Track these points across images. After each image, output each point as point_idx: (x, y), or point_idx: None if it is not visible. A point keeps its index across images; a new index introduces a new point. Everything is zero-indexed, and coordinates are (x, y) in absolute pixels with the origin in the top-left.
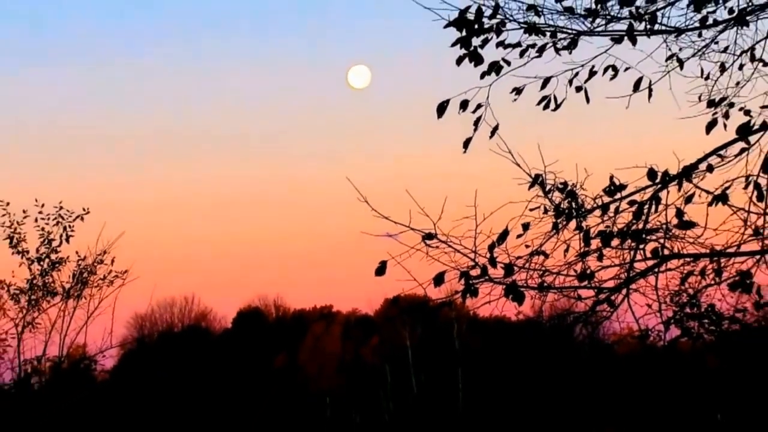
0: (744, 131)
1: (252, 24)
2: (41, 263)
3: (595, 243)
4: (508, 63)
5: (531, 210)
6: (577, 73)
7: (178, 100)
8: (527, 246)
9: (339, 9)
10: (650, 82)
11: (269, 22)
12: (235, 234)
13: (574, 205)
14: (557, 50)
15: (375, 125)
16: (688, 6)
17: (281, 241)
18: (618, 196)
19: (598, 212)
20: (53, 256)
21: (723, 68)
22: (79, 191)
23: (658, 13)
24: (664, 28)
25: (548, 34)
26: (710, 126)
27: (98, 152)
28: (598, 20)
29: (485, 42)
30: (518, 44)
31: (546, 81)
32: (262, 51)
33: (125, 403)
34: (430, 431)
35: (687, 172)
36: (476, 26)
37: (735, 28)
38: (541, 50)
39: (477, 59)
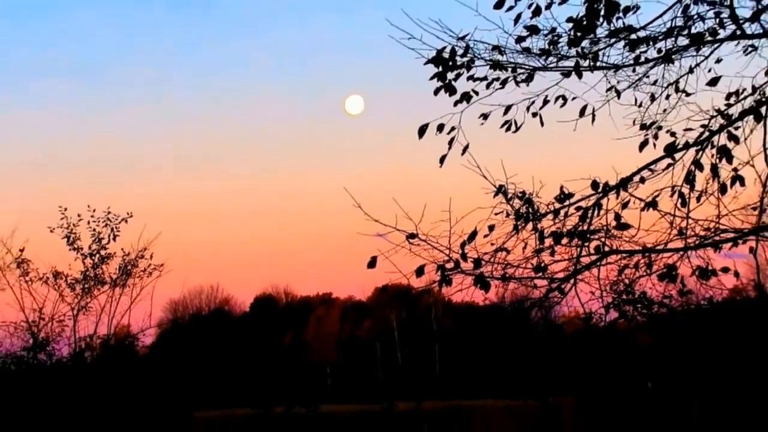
0: (670, 150)
1: (270, 61)
2: (93, 258)
3: (548, 241)
4: (477, 93)
5: (495, 214)
6: (533, 102)
7: (200, 125)
8: (492, 244)
9: (338, 47)
10: (593, 109)
11: (281, 59)
12: (252, 234)
13: (530, 210)
14: (517, 83)
15: (367, 145)
16: (624, 47)
17: (291, 240)
18: (567, 202)
19: (550, 216)
20: (102, 252)
21: (653, 98)
22: (124, 198)
23: (600, 53)
24: (604, 64)
25: (509, 69)
26: (642, 145)
27: (141, 166)
28: (550, 58)
29: (458, 76)
30: (485, 78)
31: (508, 108)
32: (277, 83)
33: (163, 375)
34: (412, 395)
35: (623, 183)
36: (450, 63)
37: (663, 65)
38: (504, 83)
39: (451, 90)
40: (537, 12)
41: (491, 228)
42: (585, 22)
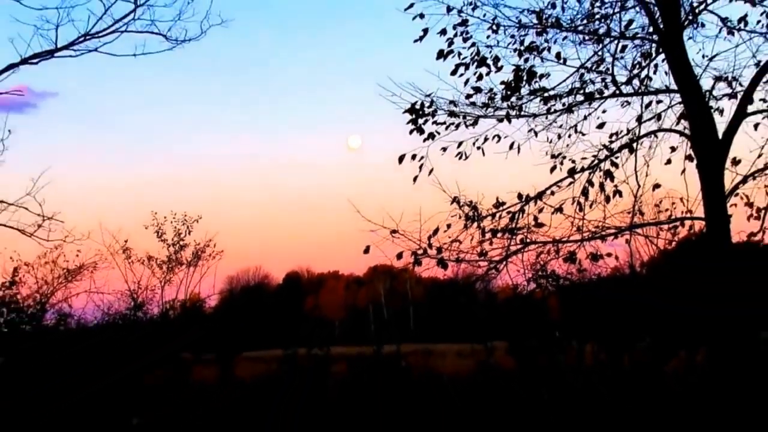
0: (571, 172)
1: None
2: (174, 247)
3: (488, 235)
4: (439, 133)
5: (451, 216)
6: (477, 139)
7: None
8: (449, 237)
9: (344, 101)
10: (519, 144)
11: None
12: (285, 231)
13: (476, 214)
14: (466, 126)
15: (364, 170)
16: (539, 101)
17: (313, 235)
18: (501, 208)
19: (489, 218)
20: (181, 243)
21: (559, 137)
22: (196, 202)
23: (523, 106)
24: (526, 113)
25: (461, 116)
26: (552, 169)
27: (210, 176)
28: (489, 109)
29: (425, 121)
30: (444, 122)
31: (460, 144)
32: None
33: (224, 327)
34: (394, 341)
35: (539, 195)
36: (420, 112)
37: (566, 114)
38: (457, 126)
39: (420, 131)
40: (480, 77)
41: (449, 226)
42: (513, 85)
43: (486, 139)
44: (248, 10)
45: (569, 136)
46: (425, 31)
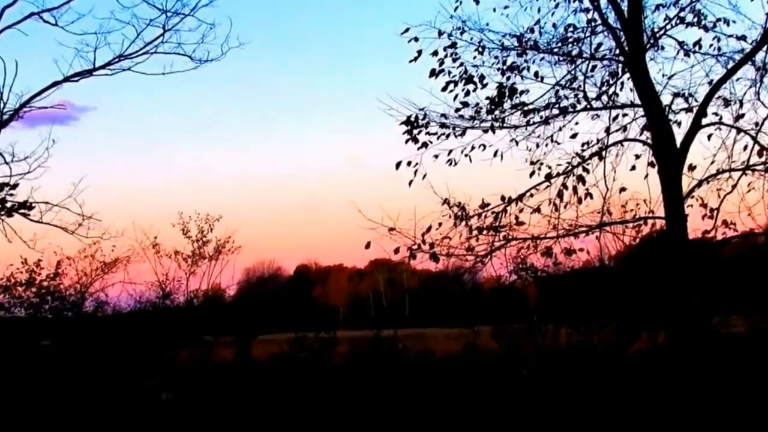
0: (548, 177)
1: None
2: (198, 243)
3: (475, 233)
4: (431, 142)
5: (442, 216)
6: (465, 147)
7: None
8: (440, 234)
9: (346, 114)
10: (502, 152)
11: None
12: (296, 229)
13: (464, 214)
14: (456, 136)
15: (365, 176)
16: (520, 114)
17: (320, 232)
18: (486, 209)
19: (476, 217)
20: (203, 239)
21: (537, 145)
22: (218, 203)
23: (505, 118)
24: (508, 125)
25: (451, 128)
26: (531, 174)
27: (229, 180)
28: (475, 121)
29: (419, 132)
30: (436, 133)
31: (450, 152)
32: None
33: (242, 313)
34: (392, 326)
35: (520, 197)
36: (414, 124)
37: (543, 126)
38: (447, 136)
39: (415, 141)
40: (467, 93)
41: (440, 224)
42: (497, 100)
43: (473, 148)
44: (261, 33)
45: (546, 145)
46: (419, 52)
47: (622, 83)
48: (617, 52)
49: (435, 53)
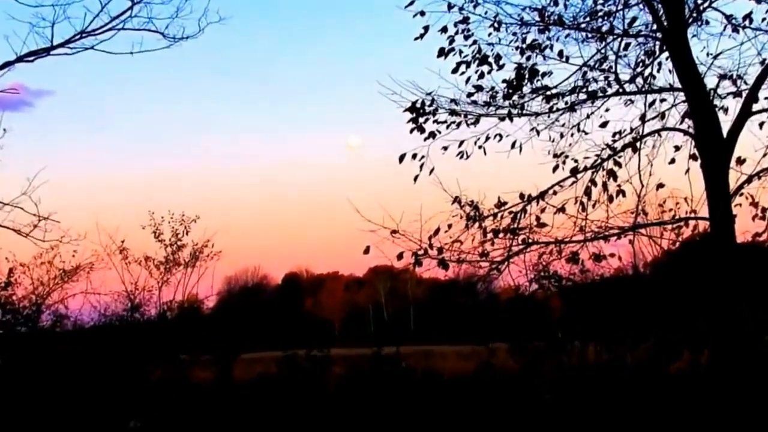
0: (574, 172)
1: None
2: (171, 247)
3: (490, 236)
4: (440, 132)
5: (452, 216)
6: (479, 138)
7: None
8: (450, 237)
9: (344, 100)
10: (521, 143)
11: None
12: (284, 231)
13: (477, 214)
14: (468, 124)
15: (363, 169)
16: (542, 100)
17: (313, 235)
18: (503, 208)
19: (491, 218)
20: (178, 243)
21: (562, 135)
22: (195, 202)
23: (525, 104)
24: (528, 112)
25: (462, 115)
26: (555, 168)
27: (208, 175)
28: (491, 108)
29: (426, 120)
30: (445, 121)
31: (461, 142)
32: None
33: (221, 328)
34: (394, 342)
35: (542, 195)
36: (420, 111)
37: (569, 113)
38: (458, 125)
39: (421, 130)
40: (481, 75)
41: (450, 226)
42: (515, 83)
43: (487, 138)
44: (248, 8)
45: (572, 135)
46: (426, 28)
47: (660, 64)
48: (654, 27)
49: (444, 29)
